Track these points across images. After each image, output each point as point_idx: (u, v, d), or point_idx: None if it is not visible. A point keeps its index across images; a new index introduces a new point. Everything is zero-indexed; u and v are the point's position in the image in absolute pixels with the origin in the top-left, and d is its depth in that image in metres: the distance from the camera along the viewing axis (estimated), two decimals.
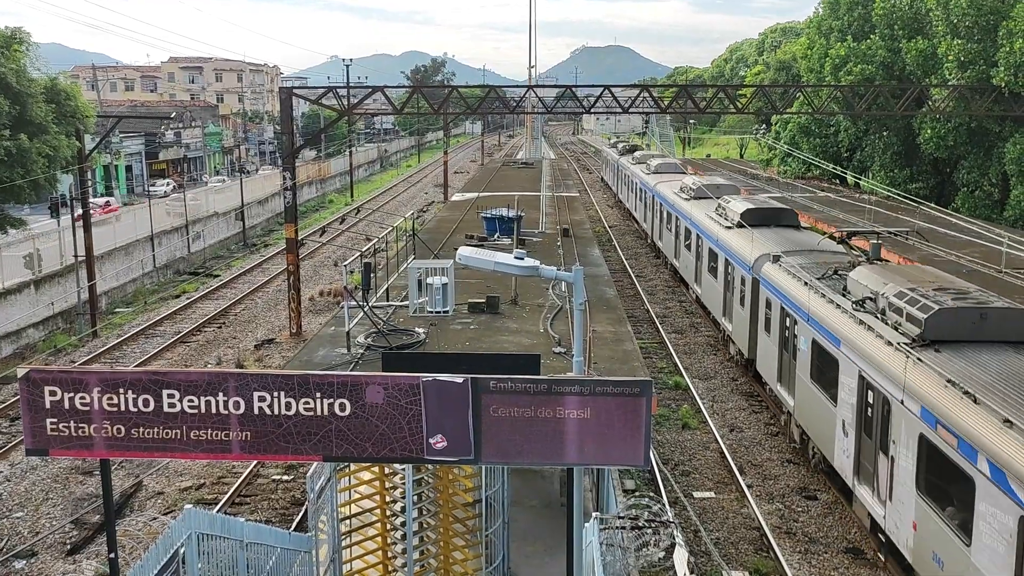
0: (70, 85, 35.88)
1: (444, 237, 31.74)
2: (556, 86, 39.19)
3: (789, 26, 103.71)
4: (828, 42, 52.01)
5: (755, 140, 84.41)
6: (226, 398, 7.74)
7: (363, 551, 12.01)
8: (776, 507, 17.96)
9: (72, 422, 7.79)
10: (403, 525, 11.60)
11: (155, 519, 17.61)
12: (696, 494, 18.52)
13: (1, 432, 22.76)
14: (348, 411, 7.72)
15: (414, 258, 26.31)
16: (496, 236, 30.56)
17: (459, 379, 7.66)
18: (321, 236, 47.06)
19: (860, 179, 50.35)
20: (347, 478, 11.81)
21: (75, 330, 32.61)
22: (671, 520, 10.81)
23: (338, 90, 32.93)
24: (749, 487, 18.70)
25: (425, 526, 11.93)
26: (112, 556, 8.49)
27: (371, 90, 33.89)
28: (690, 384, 25.14)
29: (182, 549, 8.68)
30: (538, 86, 44.60)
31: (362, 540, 12.00)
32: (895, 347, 14.51)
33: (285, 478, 19.55)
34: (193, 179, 78.57)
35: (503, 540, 12.90)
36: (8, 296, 30.02)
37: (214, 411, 7.75)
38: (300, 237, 33.53)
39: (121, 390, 7.75)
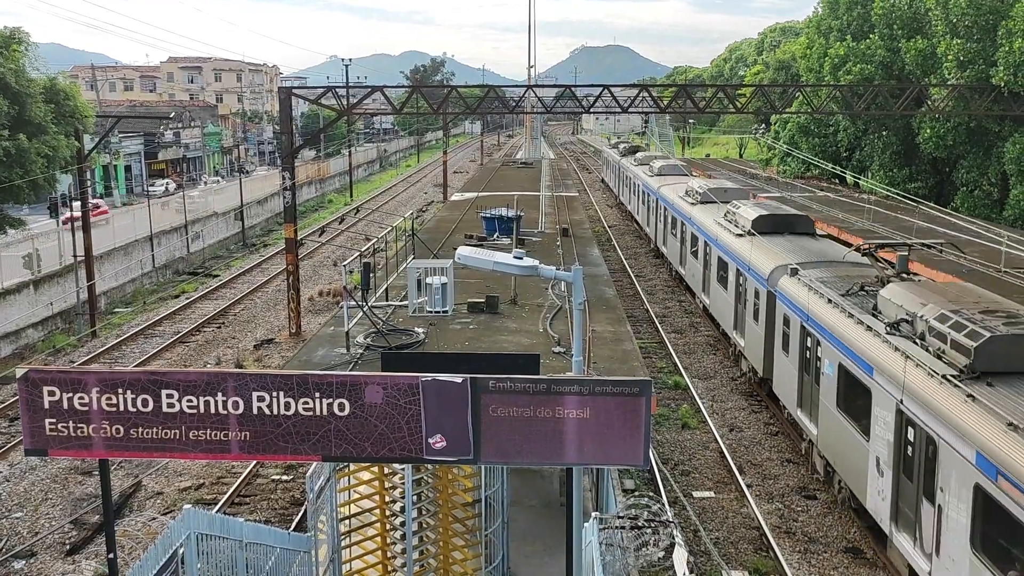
0: (69, 85, 35.92)
1: (443, 237, 31.70)
2: (555, 86, 39.13)
3: (788, 26, 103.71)
4: (827, 42, 51.94)
5: (754, 140, 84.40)
6: (225, 398, 7.73)
7: (362, 551, 12.01)
8: (776, 507, 17.97)
9: (71, 422, 7.79)
10: (402, 525, 11.60)
11: (154, 519, 17.61)
12: (696, 494, 18.52)
13: (0, 432, 22.75)
14: (347, 411, 7.71)
15: (413, 258, 26.28)
16: (495, 236, 30.51)
17: (458, 379, 7.65)
18: (320, 236, 47.09)
19: (859, 179, 50.31)
20: (346, 478, 11.81)
21: (74, 330, 32.59)
22: (671, 520, 10.79)
23: (337, 90, 32.88)
24: (749, 487, 18.71)
25: (424, 526, 11.93)
26: (111, 556, 8.49)
27: (370, 90, 33.86)
28: (689, 384, 25.15)
29: (181, 549, 8.68)
30: (537, 86, 44.49)
31: (361, 540, 12.00)
32: (939, 380, 12.85)
33: (284, 478, 19.55)
34: (192, 179, 78.54)
35: (503, 540, 12.91)
36: (7, 296, 30.00)
37: (213, 411, 7.75)
38: (299, 237, 33.55)
39: (120, 390, 7.74)
